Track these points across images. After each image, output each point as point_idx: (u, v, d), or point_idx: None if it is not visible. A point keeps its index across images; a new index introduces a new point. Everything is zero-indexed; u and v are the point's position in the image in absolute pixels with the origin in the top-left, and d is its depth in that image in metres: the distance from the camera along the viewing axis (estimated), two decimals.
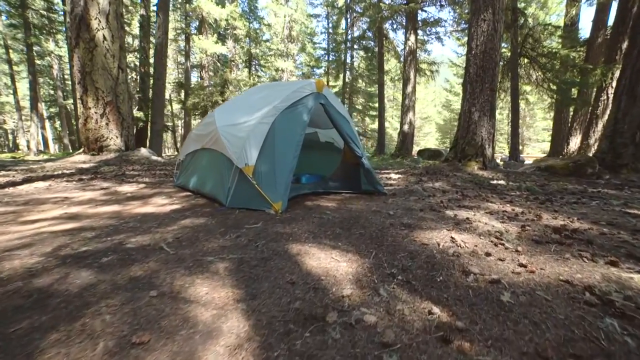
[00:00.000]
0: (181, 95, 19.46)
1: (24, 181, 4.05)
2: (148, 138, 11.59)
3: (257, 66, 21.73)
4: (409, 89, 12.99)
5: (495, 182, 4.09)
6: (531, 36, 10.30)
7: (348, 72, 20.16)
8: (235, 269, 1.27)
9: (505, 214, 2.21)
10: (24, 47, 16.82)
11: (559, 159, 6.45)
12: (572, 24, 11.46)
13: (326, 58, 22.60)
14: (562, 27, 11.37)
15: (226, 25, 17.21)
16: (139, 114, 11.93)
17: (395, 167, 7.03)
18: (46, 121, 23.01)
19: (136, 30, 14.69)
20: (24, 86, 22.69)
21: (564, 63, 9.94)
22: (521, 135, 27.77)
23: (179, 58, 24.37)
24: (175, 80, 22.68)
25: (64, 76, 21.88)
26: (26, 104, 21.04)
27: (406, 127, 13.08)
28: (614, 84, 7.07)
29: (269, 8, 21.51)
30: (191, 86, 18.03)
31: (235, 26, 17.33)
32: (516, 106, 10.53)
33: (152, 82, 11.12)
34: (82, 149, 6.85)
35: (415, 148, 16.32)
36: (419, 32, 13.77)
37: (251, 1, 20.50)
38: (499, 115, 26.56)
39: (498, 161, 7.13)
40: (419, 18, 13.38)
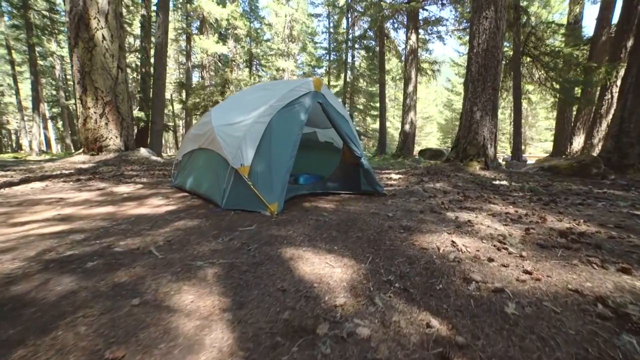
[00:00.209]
0: (183, 95, 19.48)
1: (21, 181, 4.02)
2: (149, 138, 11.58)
3: (258, 66, 21.70)
4: (410, 89, 12.89)
5: (497, 183, 4.01)
6: (534, 34, 10.18)
7: (349, 72, 20.07)
8: (224, 275, 1.21)
9: (508, 216, 2.14)
10: (26, 48, 16.90)
11: (563, 159, 6.35)
12: (576, 22, 11.33)
13: (327, 58, 22.50)
14: (565, 26, 11.24)
15: (227, 25, 17.20)
16: (140, 114, 11.93)
17: (396, 167, 6.95)
18: (49, 121, 23.11)
19: (138, 30, 14.70)
20: (27, 87, 22.80)
21: (567, 62, 9.81)
22: (523, 134, 27.54)
23: (180, 58, 24.39)
24: (176, 80, 22.71)
25: (66, 76, 21.97)
26: (28, 105, 21.15)
27: (407, 127, 12.98)
28: (619, 83, 6.96)
29: (270, 7, 21.49)
30: (192, 86, 18.03)
31: (236, 26, 17.31)
32: (518, 105, 10.43)
33: (152, 82, 11.11)
34: (82, 149, 6.83)
35: (416, 148, 16.23)
36: (420, 31, 13.66)
37: (252, 1, 20.47)
38: (501, 114, 26.39)
39: (500, 161, 7.04)
40: (420, 17, 13.27)
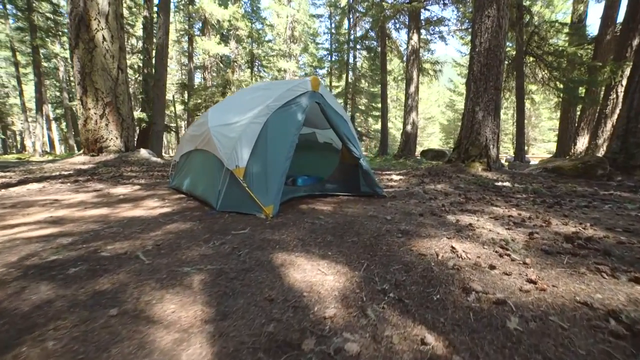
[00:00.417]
0: (185, 96, 19.53)
1: (19, 182, 4.00)
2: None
3: (260, 67, 21.71)
4: (412, 89, 12.80)
5: (500, 184, 3.92)
6: (537, 34, 10.06)
7: (351, 73, 20.03)
8: (211, 282, 1.15)
9: (511, 219, 2.06)
10: (31, 50, 17.05)
11: (567, 160, 6.24)
12: (580, 21, 11.18)
13: (329, 58, 22.48)
14: (569, 25, 11.10)
15: (229, 26, 17.23)
16: (142, 115, 11.96)
17: (397, 168, 6.87)
18: (52, 122, 23.30)
19: (140, 31, 14.76)
20: (31, 88, 23.00)
21: (571, 61, 9.66)
22: (526, 135, 27.33)
23: (183, 59, 24.48)
24: (178, 81, 22.80)
25: (70, 78, 22.11)
26: (32, 106, 21.30)
27: (409, 128, 12.89)
28: (624, 82, 6.83)
29: (272, 9, 21.52)
30: (194, 87, 18.07)
31: (237, 27, 17.35)
32: (521, 106, 10.31)
33: (153, 83, 11.12)
34: (83, 150, 6.83)
35: (418, 148, 16.14)
36: (422, 32, 13.57)
37: (254, 2, 20.51)
38: (504, 115, 26.18)
39: (503, 162, 6.93)
40: (422, 17, 13.19)
